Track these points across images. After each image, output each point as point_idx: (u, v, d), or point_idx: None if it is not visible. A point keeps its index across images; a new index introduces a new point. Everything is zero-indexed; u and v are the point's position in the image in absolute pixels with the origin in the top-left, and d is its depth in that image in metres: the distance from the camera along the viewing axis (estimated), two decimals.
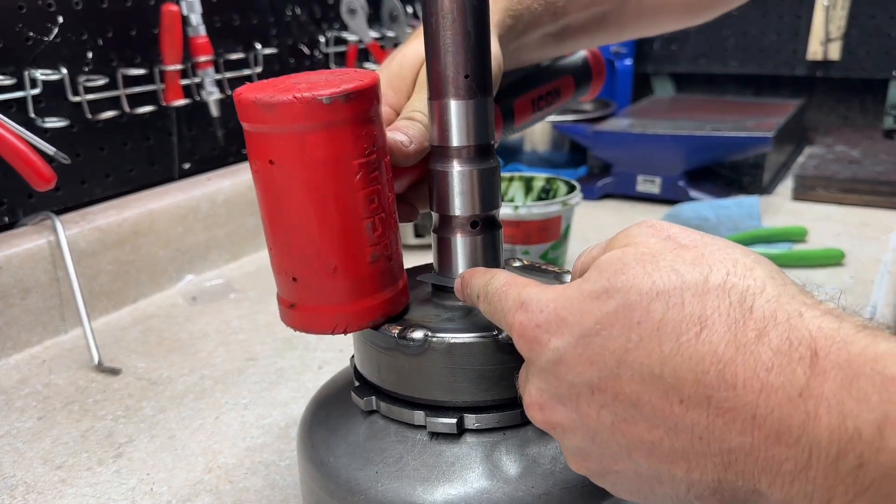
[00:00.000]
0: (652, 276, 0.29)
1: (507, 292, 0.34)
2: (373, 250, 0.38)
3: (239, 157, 1.02)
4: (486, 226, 0.41)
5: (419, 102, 0.45)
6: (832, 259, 0.86)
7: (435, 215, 0.42)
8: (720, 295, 0.28)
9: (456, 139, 0.40)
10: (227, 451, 0.56)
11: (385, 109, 0.45)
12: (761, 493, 0.27)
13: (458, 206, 0.41)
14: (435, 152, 0.41)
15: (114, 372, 0.68)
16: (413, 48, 0.48)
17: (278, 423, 0.59)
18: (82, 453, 0.56)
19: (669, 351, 0.27)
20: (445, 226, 0.42)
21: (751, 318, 0.27)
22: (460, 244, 0.41)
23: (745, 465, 0.26)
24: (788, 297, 0.27)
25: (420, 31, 0.44)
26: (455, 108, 0.39)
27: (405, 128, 0.42)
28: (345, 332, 0.39)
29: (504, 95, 0.54)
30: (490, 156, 0.41)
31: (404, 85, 0.47)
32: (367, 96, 0.36)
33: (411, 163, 0.42)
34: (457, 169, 0.40)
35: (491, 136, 0.41)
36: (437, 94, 0.39)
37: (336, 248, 0.37)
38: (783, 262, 0.87)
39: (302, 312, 0.39)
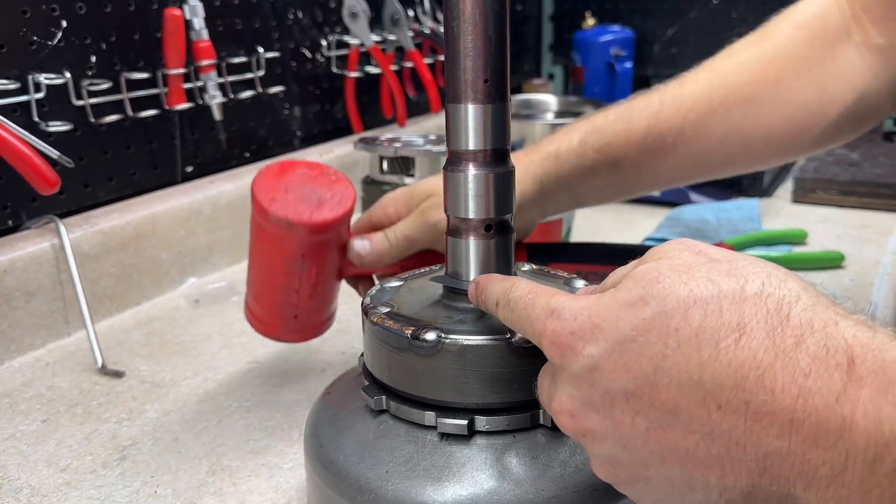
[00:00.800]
0: (689, 285, 0.29)
1: (535, 301, 0.34)
2: (281, 304, 0.57)
3: (241, 161, 1.02)
4: (499, 229, 0.42)
5: (402, 226, 0.57)
6: (832, 261, 0.86)
7: (448, 217, 0.42)
8: (757, 303, 0.28)
9: (473, 143, 0.40)
10: (230, 453, 0.56)
11: (379, 215, 0.60)
12: (796, 498, 0.27)
13: (473, 209, 0.41)
14: (451, 155, 0.41)
15: (117, 375, 0.68)
16: (429, 182, 0.60)
17: (282, 426, 0.59)
18: (86, 456, 0.56)
19: (708, 357, 0.28)
20: (459, 228, 0.42)
21: (788, 326, 0.27)
22: (473, 247, 0.42)
23: (780, 470, 0.27)
24: (823, 307, 0.28)
25: (438, 176, 0.55)
26: (473, 112, 0.39)
27: (374, 241, 0.57)
28: (257, 331, 0.61)
29: (544, 250, 0.57)
30: (506, 160, 0.41)
31: (405, 208, 0.59)
32: (319, 230, 0.54)
33: (368, 268, 0.58)
34: (472, 172, 0.40)
35: (507, 140, 0.41)
36: (455, 98, 0.40)
37: (260, 290, 0.59)
38: (783, 265, 0.87)
39: (246, 310, 0.61)
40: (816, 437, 0.26)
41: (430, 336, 0.39)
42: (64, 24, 0.79)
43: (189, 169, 0.95)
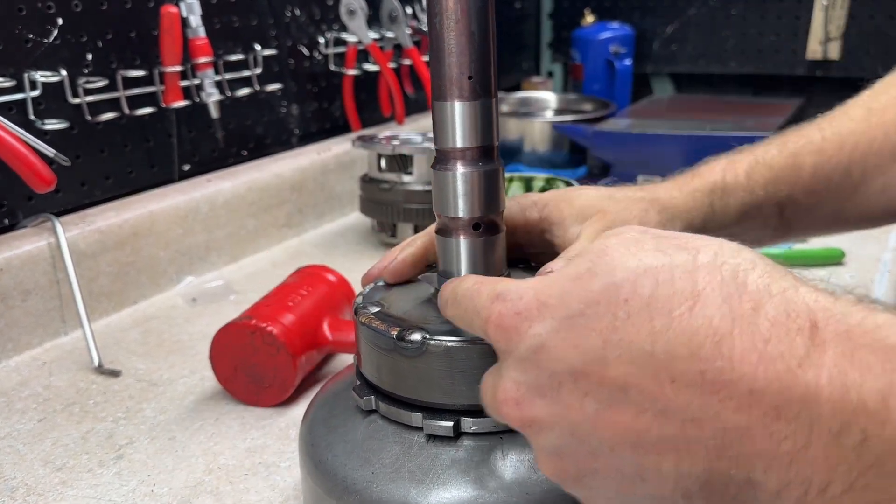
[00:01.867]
0: (637, 256, 0.28)
1: (479, 290, 0.32)
2: None
3: (239, 159, 1.02)
4: (488, 228, 0.41)
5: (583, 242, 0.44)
6: (832, 258, 0.86)
7: (437, 216, 0.42)
8: (711, 271, 0.27)
9: (460, 140, 0.40)
10: (227, 452, 0.56)
11: (527, 205, 0.48)
12: (755, 483, 0.25)
13: (461, 207, 0.40)
14: (439, 154, 0.41)
15: (114, 374, 0.68)
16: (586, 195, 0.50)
17: (278, 424, 0.59)
18: (83, 455, 0.56)
19: (661, 326, 0.26)
20: (447, 227, 0.42)
21: (745, 292, 0.26)
22: (463, 246, 0.41)
23: (740, 448, 0.25)
24: (780, 274, 0.27)
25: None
26: (459, 110, 0.39)
27: None
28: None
29: None
30: (493, 157, 0.41)
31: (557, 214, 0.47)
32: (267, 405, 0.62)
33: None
34: (460, 171, 0.40)
35: (494, 137, 0.41)
36: (440, 96, 0.39)
37: None
38: (783, 261, 0.87)
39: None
40: (778, 408, 0.24)
41: (416, 337, 0.39)
42: (60, 21, 0.78)
43: (186, 167, 0.95)
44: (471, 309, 0.32)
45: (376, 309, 0.43)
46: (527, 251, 0.49)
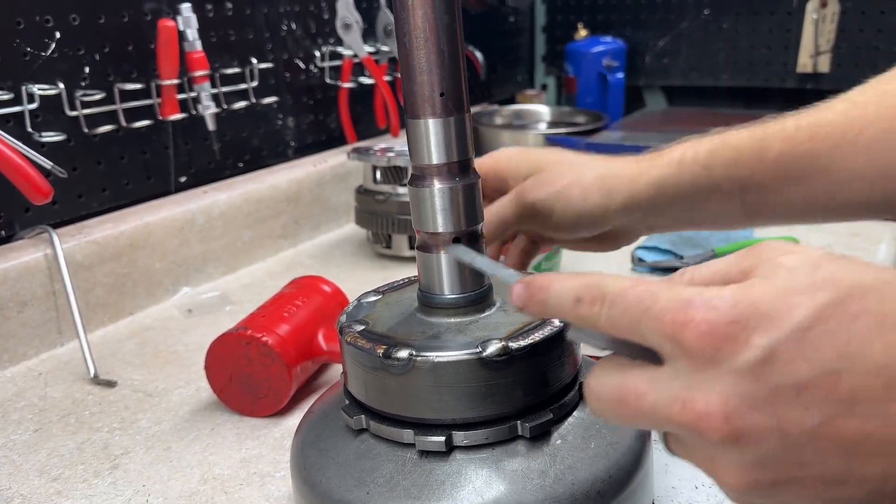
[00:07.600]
0: (853, 273, 0.28)
1: (654, 293, 0.30)
2: None
3: (235, 171, 1.03)
4: (469, 241, 0.42)
5: (498, 205, 0.57)
6: None
7: (417, 233, 0.43)
8: None
9: (435, 157, 0.40)
10: (222, 462, 0.56)
11: (493, 182, 0.60)
12: None
13: (441, 223, 0.41)
14: (415, 171, 0.41)
15: (110, 384, 0.68)
16: (541, 152, 0.62)
17: (273, 434, 0.59)
18: (78, 465, 0.56)
19: (893, 341, 0.27)
20: (427, 243, 0.42)
21: None
22: (444, 261, 0.42)
23: None
24: None
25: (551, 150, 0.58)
26: (433, 126, 0.39)
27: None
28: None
29: None
30: (470, 171, 0.41)
31: (511, 181, 0.59)
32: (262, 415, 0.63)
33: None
34: (437, 186, 0.40)
35: (470, 151, 0.41)
36: (414, 114, 0.40)
37: None
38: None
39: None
40: None
41: (402, 354, 0.39)
42: (57, 35, 0.79)
43: (182, 179, 0.95)
44: (642, 311, 0.30)
45: (361, 327, 0.43)
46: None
